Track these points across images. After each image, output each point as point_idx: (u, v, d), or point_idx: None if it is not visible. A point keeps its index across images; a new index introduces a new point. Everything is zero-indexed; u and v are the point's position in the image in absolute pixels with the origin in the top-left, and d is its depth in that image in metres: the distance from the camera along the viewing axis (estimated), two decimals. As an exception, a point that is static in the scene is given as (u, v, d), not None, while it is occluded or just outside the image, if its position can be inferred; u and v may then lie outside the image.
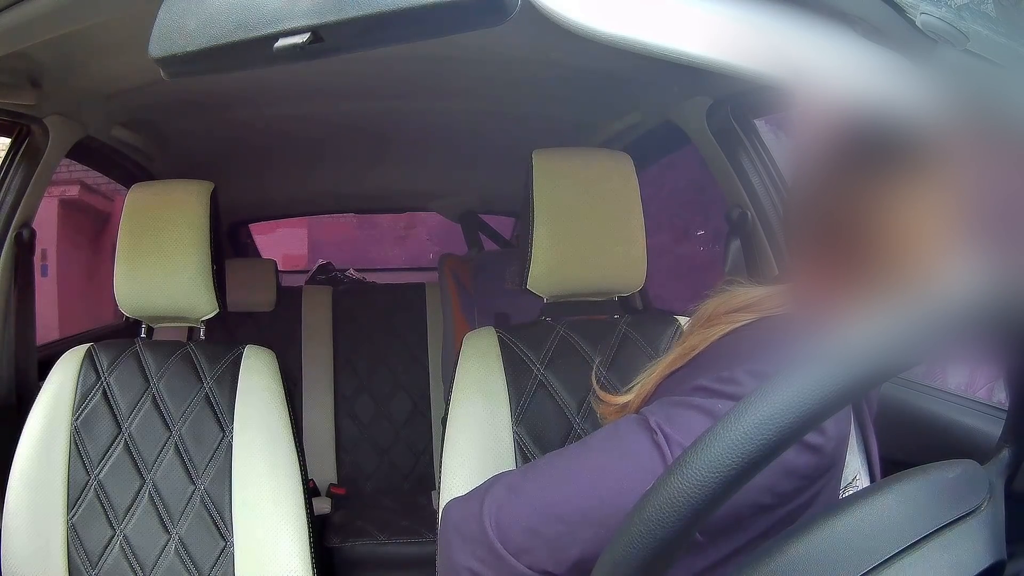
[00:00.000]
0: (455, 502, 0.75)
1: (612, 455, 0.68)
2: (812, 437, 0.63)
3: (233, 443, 1.21)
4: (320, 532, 2.01)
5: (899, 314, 0.44)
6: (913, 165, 0.69)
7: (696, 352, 0.74)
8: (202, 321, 1.28)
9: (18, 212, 1.51)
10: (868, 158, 0.71)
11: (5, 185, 1.50)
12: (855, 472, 0.80)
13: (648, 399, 0.76)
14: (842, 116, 0.70)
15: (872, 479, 0.82)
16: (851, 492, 0.78)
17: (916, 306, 0.44)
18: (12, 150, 1.52)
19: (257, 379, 1.24)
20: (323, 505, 2.23)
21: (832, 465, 0.66)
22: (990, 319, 0.47)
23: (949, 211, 0.68)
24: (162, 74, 0.44)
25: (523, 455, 1.13)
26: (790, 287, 0.77)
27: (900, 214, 0.70)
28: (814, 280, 0.75)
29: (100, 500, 1.19)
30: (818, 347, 0.43)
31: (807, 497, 0.66)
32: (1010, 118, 0.61)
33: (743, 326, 0.73)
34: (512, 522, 0.68)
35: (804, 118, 0.78)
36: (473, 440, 1.13)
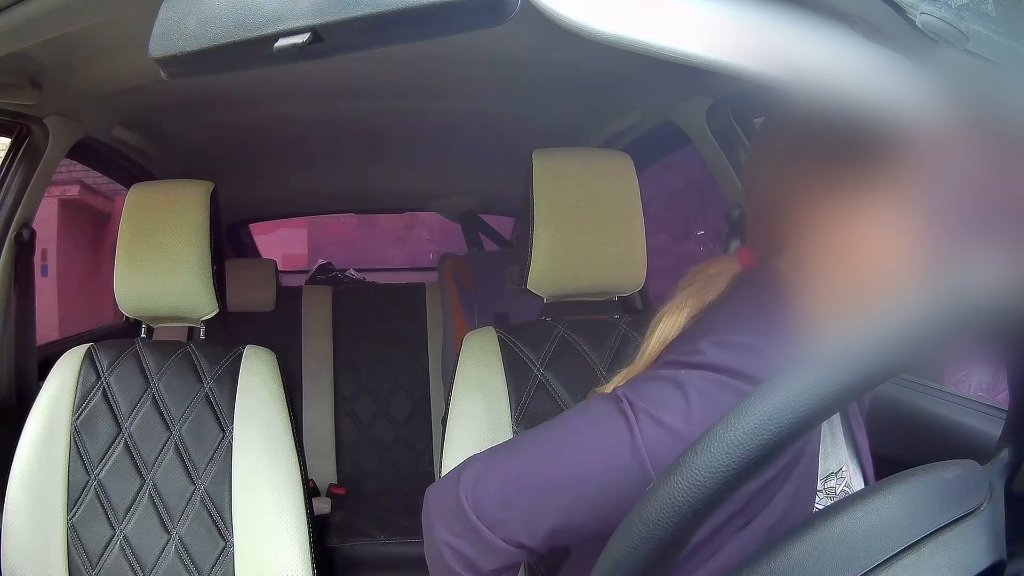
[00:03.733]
0: (434, 486, 0.77)
1: (580, 425, 0.70)
2: None
3: (233, 443, 1.21)
4: (320, 532, 2.01)
5: (899, 314, 0.44)
6: (884, 169, 0.71)
7: (674, 337, 0.77)
8: (202, 321, 1.28)
9: (18, 212, 1.51)
10: (843, 160, 0.73)
11: (5, 185, 1.50)
12: (840, 463, 0.80)
13: None
14: (832, 117, 0.71)
15: (862, 470, 0.83)
16: (835, 482, 0.80)
17: (916, 306, 0.44)
18: (12, 150, 1.52)
19: (257, 379, 1.24)
20: (323, 505, 2.23)
21: (807, 438, 0.68)
22: (991, 319, 0.47)
23: (910, 221, 0.70)
24: (162, 74, 0.44)
25: (523, 455, 1.13)
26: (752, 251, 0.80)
27: (863, 219, 0.72)
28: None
29: (100, 500, 1.19)
30: (818, 348, 0.43)
31: (770, 491, 0.67)
32: (1010, 118, 0.61)
33: (712, 305, 0.76)
34: (487, 494, 0.70)
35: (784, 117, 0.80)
36: (473, 440, 1.13)
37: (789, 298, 0.76)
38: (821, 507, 0.76)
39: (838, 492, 0.80)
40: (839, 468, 0.81)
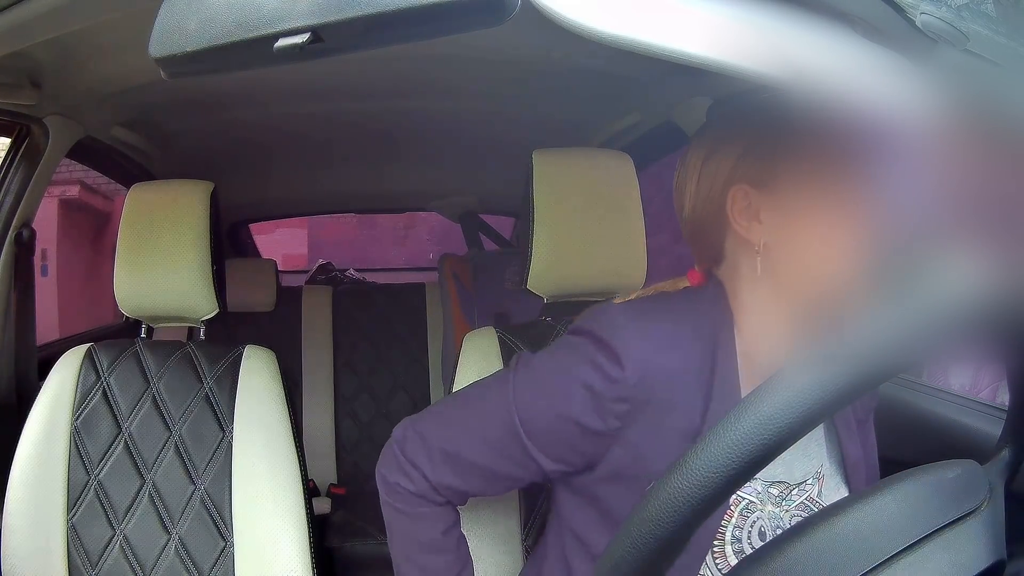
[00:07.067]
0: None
1: (482, 391, 0.89)
2: (612, 370, 0.77)
3: (233, 443, 1.21)
4: (320, 532, 2.01)
5: (897, 314, 0.44)
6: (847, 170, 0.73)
7: None
8: (202, 321, 1.28)
9: (18, 212, 1.51)
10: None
11: (5, 185, 1.50)
12: (806, 475, 0.80)
13: None
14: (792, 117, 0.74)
15: (846, 478, 0.82)
16: (811, 488, 0.79)
17: (915, 306, 0.44)
18: (12, 150, 1.52)
19: (257, 379, 1.24)
20: (323, 505, 2.23)
21: (644, 402, 0.77)
22: (991, 319, 0.47)
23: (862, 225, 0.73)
24: (162, 74, 0.44)
25: (523, 455, 1.13)
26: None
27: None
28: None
29: (100, 500, 1.19)
30: (818, 348, 0.43)
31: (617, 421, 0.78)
32: (1010, 118, 0.61)
33: None
34: (410, 445, 0.90)
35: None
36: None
37: (709, 301, 0.81)
38: (752, 499, 0.78)
39: (795, 503, 0.79)
40: (803, 479, 0.80)
